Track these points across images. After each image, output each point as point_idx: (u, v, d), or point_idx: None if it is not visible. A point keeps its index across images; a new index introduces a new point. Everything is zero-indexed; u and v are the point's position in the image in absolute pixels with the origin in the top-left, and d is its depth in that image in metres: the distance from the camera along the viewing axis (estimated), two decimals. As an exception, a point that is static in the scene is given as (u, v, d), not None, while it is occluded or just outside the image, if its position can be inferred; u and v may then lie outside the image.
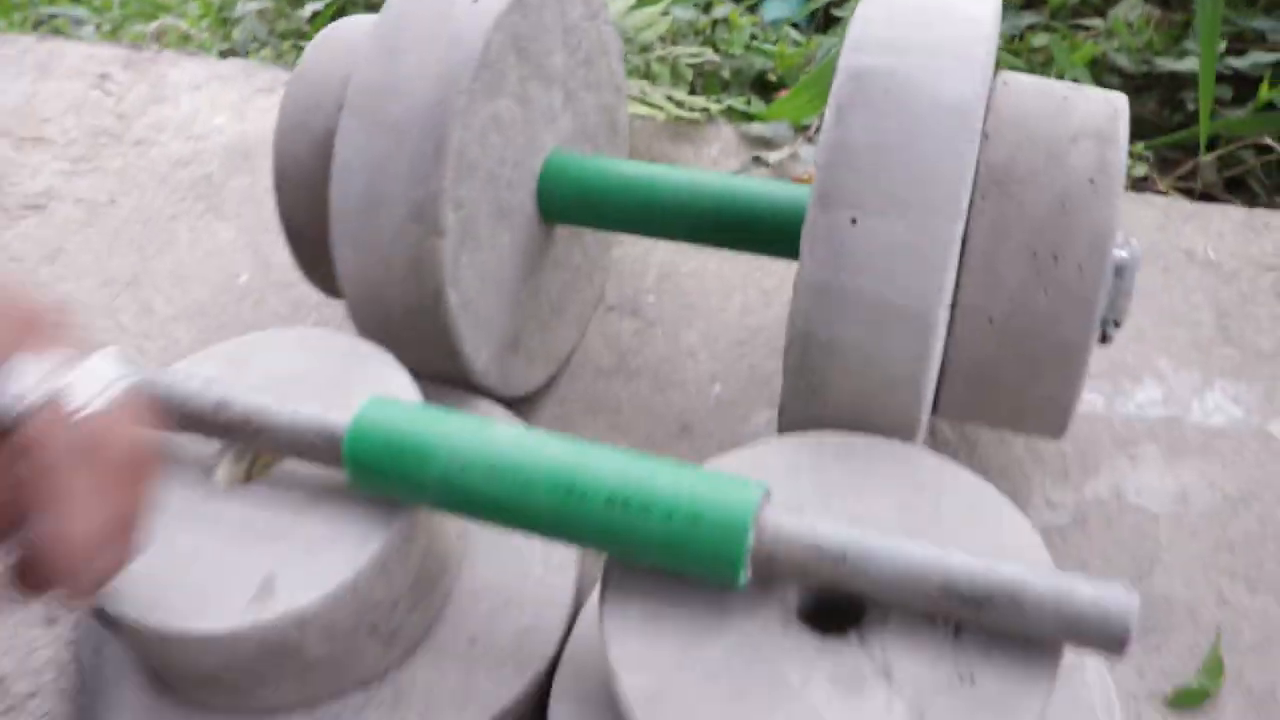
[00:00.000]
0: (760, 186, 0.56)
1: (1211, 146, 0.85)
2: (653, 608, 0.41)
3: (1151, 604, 0.56)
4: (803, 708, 0.38)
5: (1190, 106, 0.89)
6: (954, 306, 0.47)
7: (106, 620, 0.45)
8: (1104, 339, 0.53)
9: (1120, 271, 0.50)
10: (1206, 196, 0.84)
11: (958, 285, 0.47)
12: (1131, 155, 0.86)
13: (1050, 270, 0.46)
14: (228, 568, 0.44)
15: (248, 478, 0.49)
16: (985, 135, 0.47)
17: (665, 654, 0.40)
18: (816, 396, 0.46)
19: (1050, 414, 0.49)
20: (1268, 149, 0.85)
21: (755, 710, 0.38)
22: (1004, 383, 0.48)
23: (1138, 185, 0.85)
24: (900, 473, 0.45)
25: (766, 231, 0.55)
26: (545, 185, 0.60)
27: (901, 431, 0.46)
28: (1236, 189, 0.87)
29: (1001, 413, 0.50)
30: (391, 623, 0.46)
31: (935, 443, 0.63)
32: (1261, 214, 0.74)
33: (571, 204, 0.59)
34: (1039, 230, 0.46)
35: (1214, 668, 0.54)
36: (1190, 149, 0.87)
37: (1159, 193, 0.82)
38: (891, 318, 0.44)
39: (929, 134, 0.44)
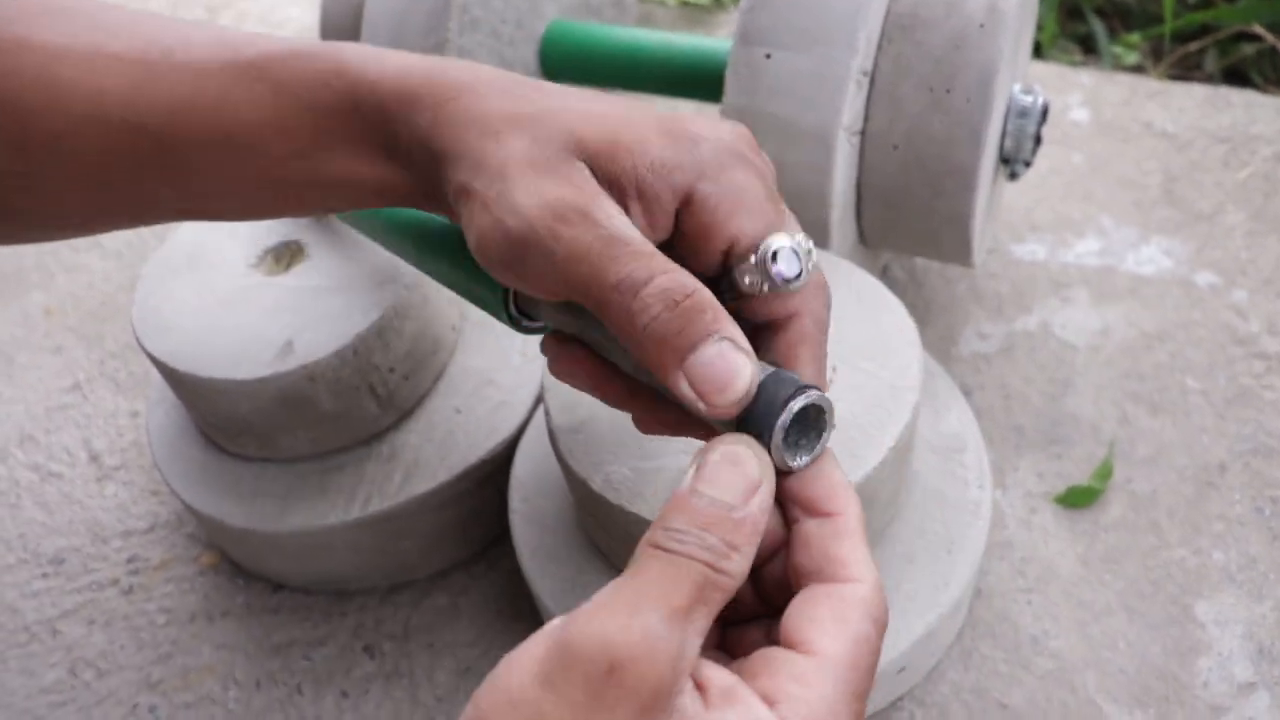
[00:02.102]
0: (720, 44, 0.64)
1: (1204, 36, 0.90)
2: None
3: (1059, 420, 0.64)
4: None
5: (1190, 0, 0.93)
6: (864, 135, 0.55)
7: (170, 374, 0.56)
8: (1013, 176, 0.60)
9: (1024, 114, 0.57)
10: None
11: (866, 116, 0.55)
12: (1125, 44, 0.91)
13: (944, 101, 0.53)
14: (260, 334, 0.55)
15: (285, 266, 0.60)
16: (897, -13, 0.55)
17: (584, 406, 0.49)
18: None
19: (954, 233, 0.57)
20: (1261, 38, 0.89)
21: (648, 438, 0.47)
22: (911, 203, 0.56)
23: (1132, 72, 0.90)
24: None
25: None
26: (547, 45, 0.69)
27: (815, 237, 0.55)
28: (1237, 79, 0.91)
29: (915, 233, 0.58)
30: (388, 386, 0.57)
31: (888, 280, 0.71)
32: (1224, 92, 0.79)
33: (568, 60, 0.68)
34: (935, 67, 0.53)
35: (1104, 472, 0.61)
36: (1183, 39, 0.92)
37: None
38: (798, 136, 0.52)
39: (833, -20, 0.51)
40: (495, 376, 0.60)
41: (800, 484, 0.32)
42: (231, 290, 0.58)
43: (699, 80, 0.65)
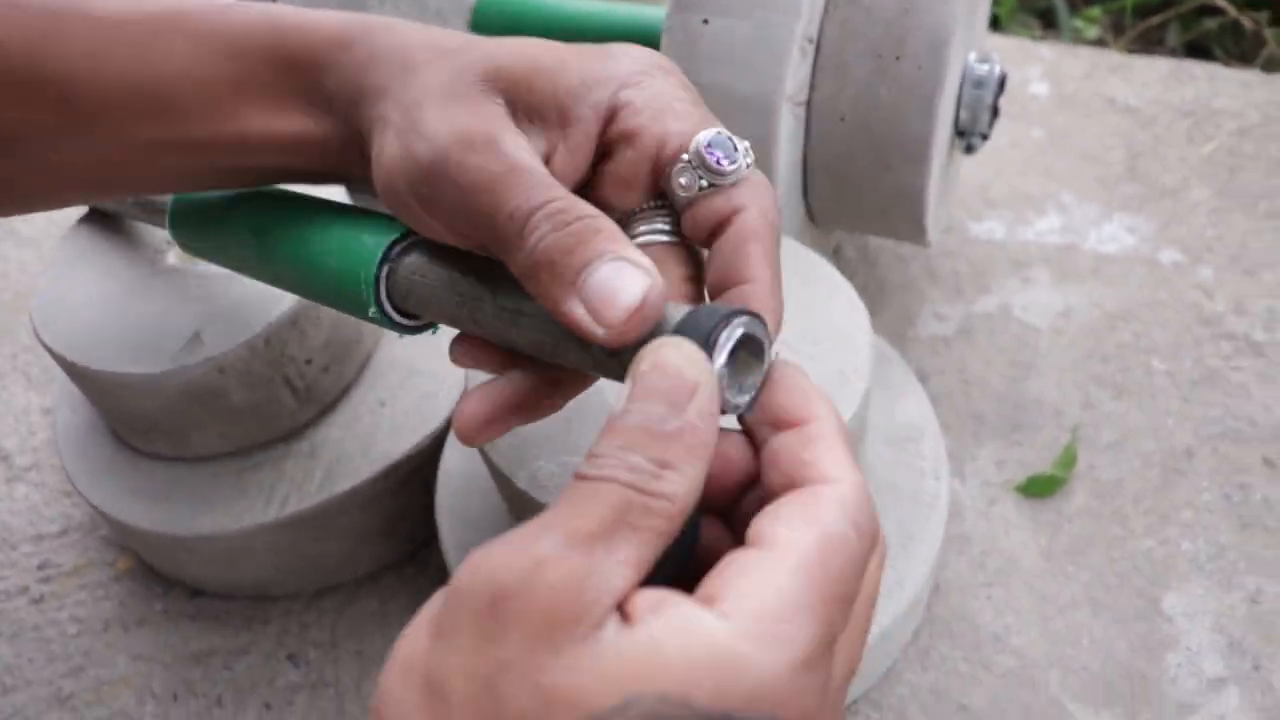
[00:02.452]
0: (658, 11, 0.60)
1: (1165, 9, 0.87)
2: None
3: (1021, 405, 0.61)
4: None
5: (1153, -28, 0.91)
6: (809, 106, 0.52)
7: (71, 368, 0.52)
8: (969, 150, 0.57)
9: (980, 84, 0.54)
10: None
11: (812, 86, 0.52)
12: (1086, 19, 0.89)
13: (893, 68, 0.50)
14: (167, 325, 0.51)
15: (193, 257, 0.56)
16: (843, -52, 0.51)
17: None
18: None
19: (906, 209, 0.54)
20: (1223, 11, 0.87)
21: (581, 429, 0.44)
22: (861, 177, 0.53)
23: (1093, 45, 0.87)
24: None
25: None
26: (478, 16, 0.65)
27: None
28: (1200, 53, 0.89)
29: (865, 210, 0.55)
30: (306, 379, 0.53)
31: (839, 261, 0.68)
32: (1187, 65, 0.76)
33: (500, 32, 0.65)
34: (883, 32, 0.50)
35: (1068, 460, 0.58)
36: (1145, 13, 0.89)
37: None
38: (738, 106, 0.49)
39: (774, -62, 0.48)
40: (423, 365, 0.57)
41: (765, 398, 0.28)
42: (139, 278, 0.54)
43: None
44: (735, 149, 0.32)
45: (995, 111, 0.56)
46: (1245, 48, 0.87)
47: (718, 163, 0.32)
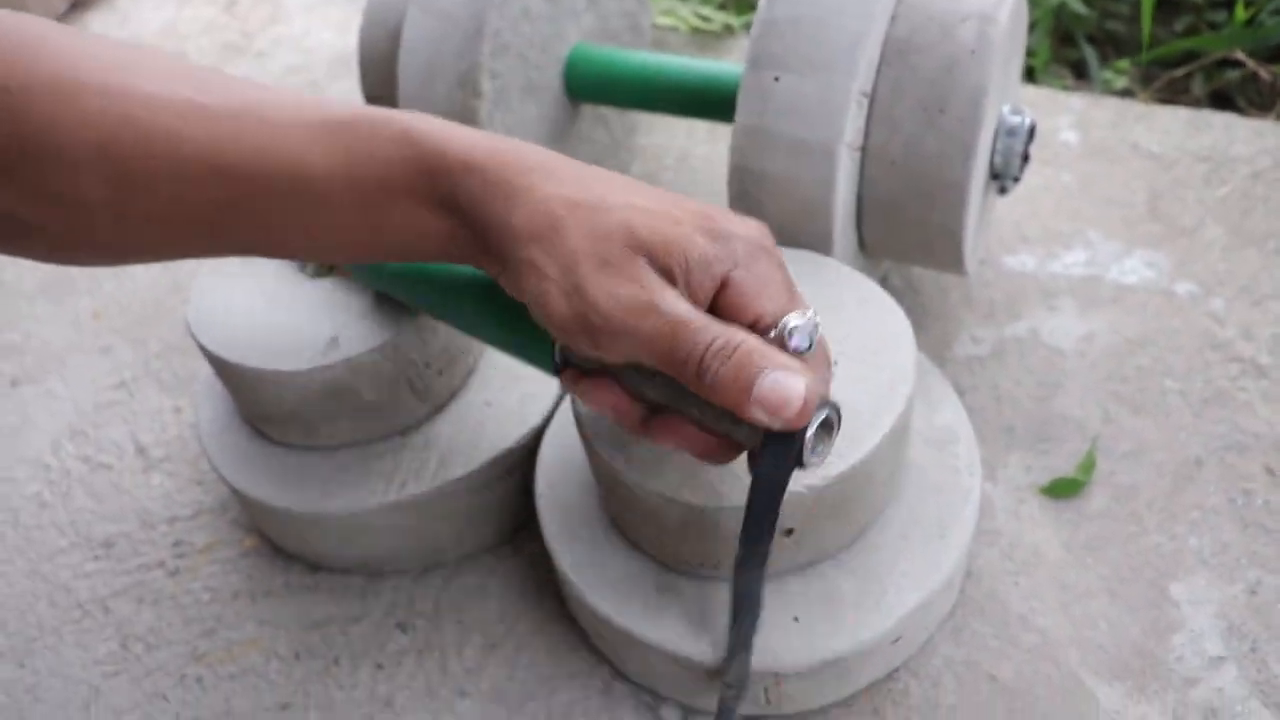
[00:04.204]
0: (731, 68, 0.69)
1: (1191, 61, 0.95)
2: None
3: (1047, 420, 0.68)
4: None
5: (1178, 27, 0.98)
6: (864, 152, 0.60)
7: (223, 366, 0.61)
8: (1003, 191, 0.65)
9: (1012, 133, 0.62)
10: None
11: (866, 134, 0.60)
12: (1115, 70, 0.96)
13: (937, 120, 0.58)
14: (307, 330, 0.60)
15: (330, 270, 0.64)
16: (894, 16, 0.60)
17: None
18: (754, 216, 0.60)
19: (946, 243, 0.61)
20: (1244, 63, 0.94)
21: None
22: (907, 214, 0.61)
23: (1121, 96, 0.95)
24: (815, 275, 0.58)
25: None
26: (570, 68, 0.74)
27: (819, 245, 0.60)
28: (1224, 102, 0.96)
29: (911, 243, 0.63)
30: (424, 380, 0.62)
31: (887, 288, 0.75)
32: (1205, 114, 0.84)
33: (590, 83, 0.74)
34: (929, 89, 0.58)
35: (1087, 465, 0.65)
36: (1171, 64, 0.96)
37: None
38: (803, 153, 0.57)
39: (835, 12, 0.57)
40: (523, 371, 0.65)
41: None
42: (279, 291, 0.63)
43: (711, 102, 0.70)
44: (810, 335, 0.41)
45: (1026, 157, 0.64)
46: (1265, 98, 0.94)
47: (796, 350, 0.41)
